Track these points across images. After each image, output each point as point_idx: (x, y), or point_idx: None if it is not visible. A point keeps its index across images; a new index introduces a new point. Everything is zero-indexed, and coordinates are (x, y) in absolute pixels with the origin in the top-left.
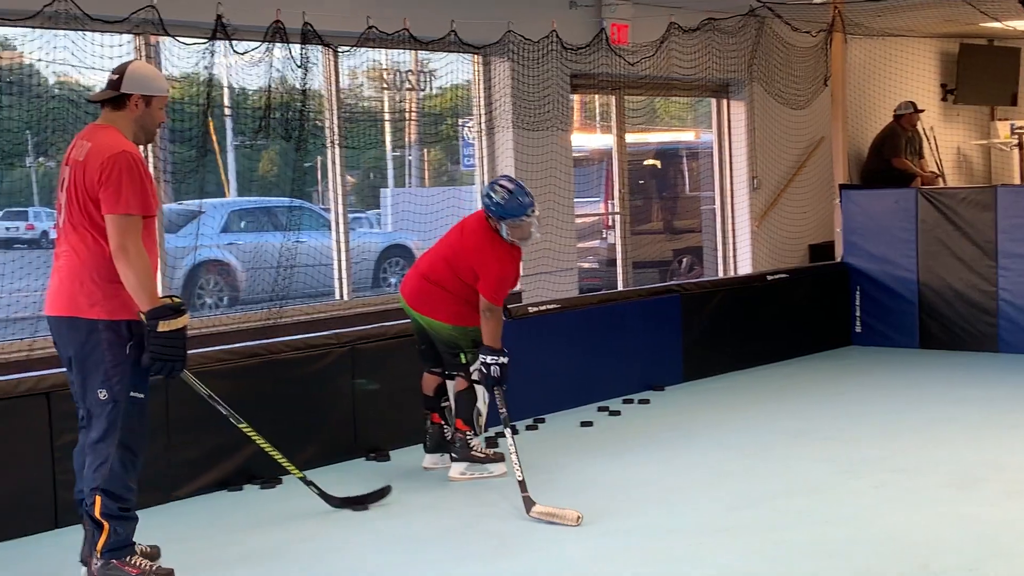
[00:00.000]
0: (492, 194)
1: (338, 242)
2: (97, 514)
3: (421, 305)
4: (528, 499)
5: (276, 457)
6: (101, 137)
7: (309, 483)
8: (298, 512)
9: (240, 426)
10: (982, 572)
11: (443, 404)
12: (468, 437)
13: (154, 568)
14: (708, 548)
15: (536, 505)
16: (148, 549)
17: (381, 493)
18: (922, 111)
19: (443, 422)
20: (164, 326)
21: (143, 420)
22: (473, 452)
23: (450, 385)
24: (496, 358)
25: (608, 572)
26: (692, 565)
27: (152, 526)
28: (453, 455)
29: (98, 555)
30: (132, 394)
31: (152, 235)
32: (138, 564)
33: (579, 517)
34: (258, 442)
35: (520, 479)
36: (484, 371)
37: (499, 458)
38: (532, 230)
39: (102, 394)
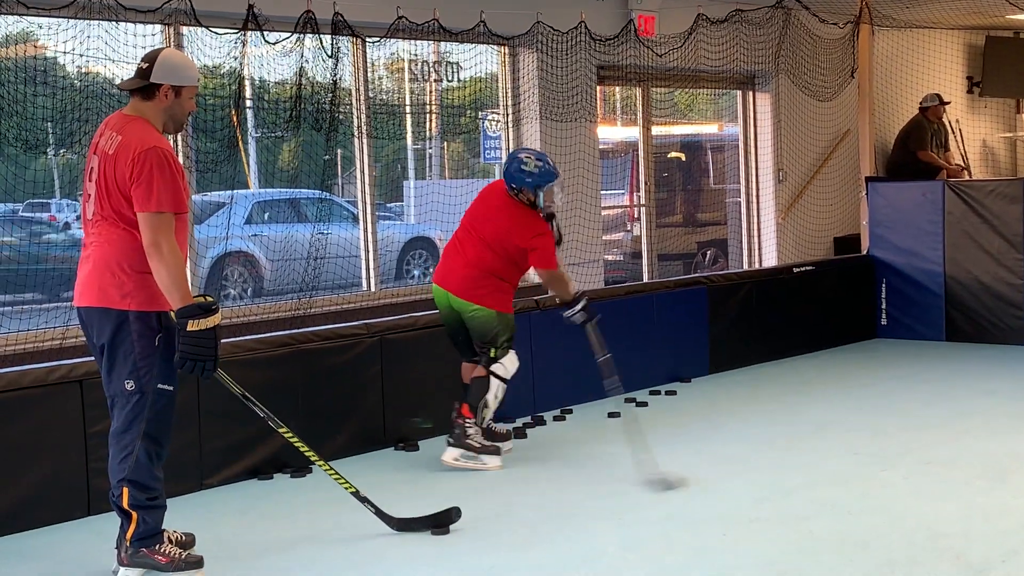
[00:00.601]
0: (523, 166)
1: (365, 233)
2: (125, 505)
3: (467, 291)
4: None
5: (324, 468)
6: (132, 130)
7: (364, 500)
8: (327, 501)
9: (280, 431)
10: (1016, 563)
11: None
12: (468, 425)
13: (184, 556)
14: (737, 538)
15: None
16: (183, 537)
17: (447, 516)
18: (948, 103)
19: (474, 416)
20: (193, 325)
21: (169, 412)
22: (469, 440)
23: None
24: (576, 308)
25: (638, 561)
26: (721, 555)
27: (184, 514)
28: (450, 439)
29: (128, 544)
30: (160, 386)
31: (184, 230)
32: (167, 552)
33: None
34: (300, 448)
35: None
36: (575, 320)
37: (495, 450)
38: (558, 192)
39: (129, 385)
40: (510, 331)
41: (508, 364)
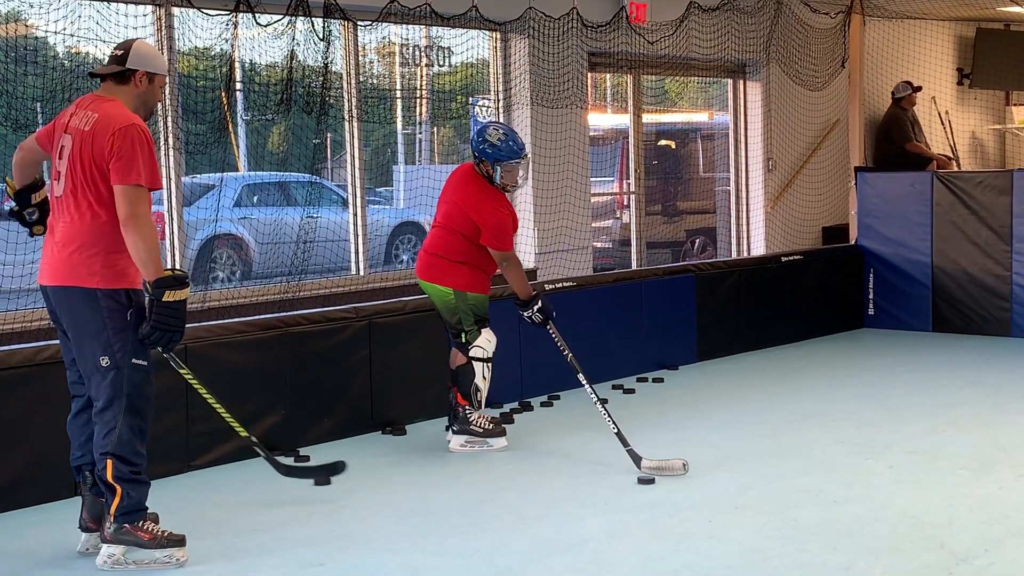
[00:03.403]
0: (487, 136)
1: (355, 217)
2: (109, 478)
3: (428, 274)
4: (633, 453)
5: (232, 423)
6: (108, 109)
7: (257, 445)
8: (315, 486)
9: (220, 410)
10: (999, 552)
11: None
12: (468, 411)
13: (166, 534)
14: (722, 525)
15: (644, 459)
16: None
17: (333, 468)
18: (919, 89)
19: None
20: (170, 296)
21: (148, 386)
22: (472, 426)
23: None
24: (530, 307)
25: (624, 546)
26: (707, 542)
27: (170, 495)
28: (453, 428)
29: (111, 519)
30: (135, 360)
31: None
32: (150, 529)
33: (684, 464)
34: (216, 407)
35: (616, 431)
36: (530, 321)
37: (500, 432)
38: (521, 173)
39: (104, 361)
40: (475, 312)
41: (484, 344)
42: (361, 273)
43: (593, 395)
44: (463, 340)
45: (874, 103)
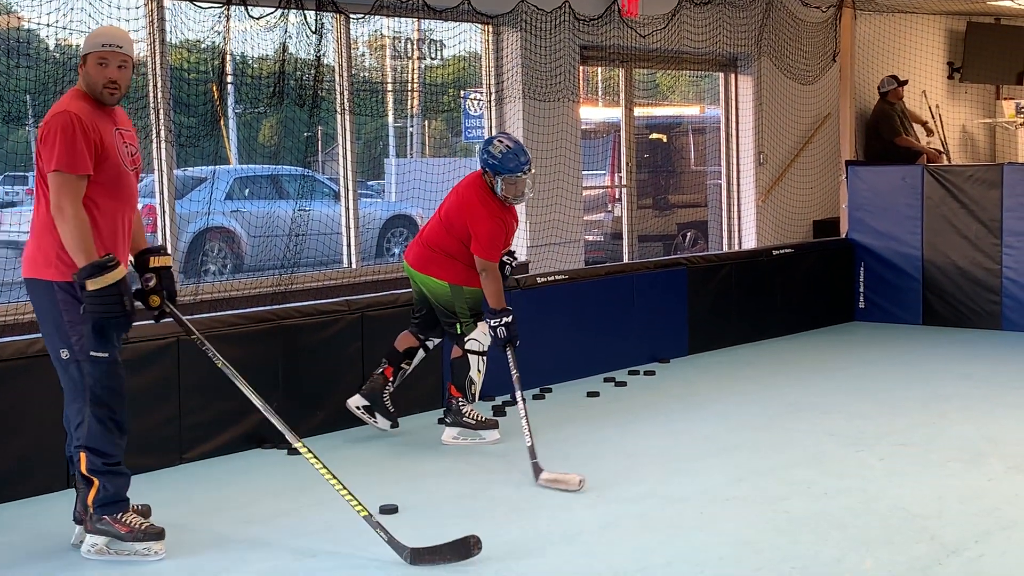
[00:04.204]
0: (491, 148)
1: (347, 210)
2: (84, 470)
3: (422, 266)
4: (536, 465)
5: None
6: (58, 100)
7: (376, 525)
8: (308, 478)
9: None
10: (989, 544)
11: (402, 365)
12: (460, 404)
13: (143, 526)
14: (714, 517)
15: (543, 472)
16: (139, 507)
17: (464, 546)
18: (905, 83)
19: (392, 380)
20: (92, 284)
21: (113, 378)
22: (465, 419)
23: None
24: (499, 319)
25: (616, 538)
26: (698, 534)
27: (162, 487)
28: (447, 420)
29: (91, 509)
30: (93, 353)
31: (114, 194)
32: (128, 522)
33: (581, 481)
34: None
35: (529, 444)
36: (492, 334)
37: (492, 424)
38: (526, 189)
39: (64, 353)
40: (470, 305)
41: (480, 337)
42: (353, 266)
43: (522, 410)
44: (458, 331)
45: (865, 97)
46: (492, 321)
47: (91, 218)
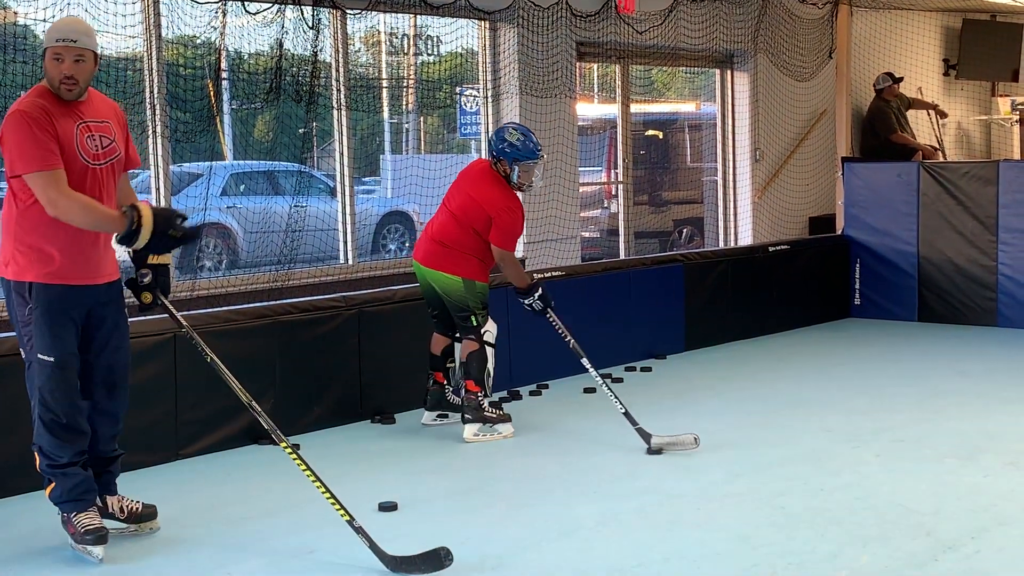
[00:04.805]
0: (506, 136)
1: (343, 206)
2: (38, 468)
3: (433, 262)
4: (643, 431)
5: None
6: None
7: (359, 530)
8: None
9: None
10: (985, 540)
11: (448, 365)
12: (480, 398)
13: (84, 529)
14: (711, 513)
15: (653, 437)
16: (140, 508)
17: (436, 557)
18: (900, 80)
19: (445, 382)
20: (138, 246)
21: (57, 382)
22: (485, 413)
23: (458, 347)
24: (531, 296)
25: (613, 534)
26: (695, 530)
27: (158, 484)
28: (466, 416)
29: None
30: (40, 356)
31: (77, 191)
32: (76, 522)
33: (696, 439)
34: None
35: (623, 411)
36: (531, 311)
37: (507, 418)
38: (537, 173)
39: (22, 353)
40: (482, 299)
41: (493, 330)
42: (350, 262)
43: (598, 378)
44: (474, 324)
45: (861, 94)
46: (527, 301)
47: (47, 220)
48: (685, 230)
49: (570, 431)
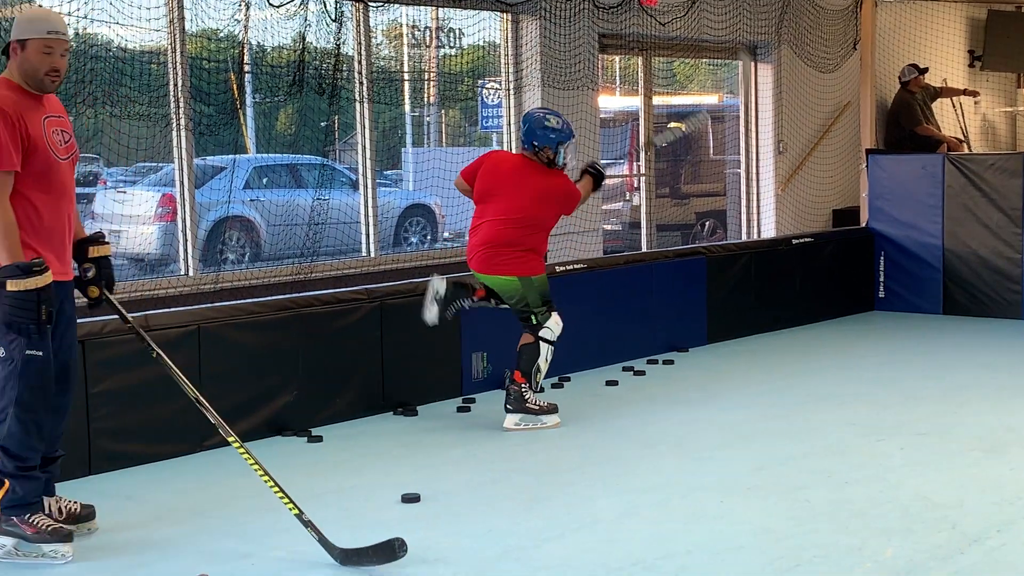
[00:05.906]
0: (547, 123)
1: (365, 199)
2: None
3: (489, 268)
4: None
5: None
6: None
7: (307, 523)
8: (326, 464)
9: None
10: (1011, 534)
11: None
12: (523, 389)
13: (50, 528)
14: (733, 506)
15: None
16: (82, 509)
17: (391, 548)
18: (926, 70)
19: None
20: (12, 285)
21: (41, 379)
22: (528, 404)
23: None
24: (600, 183)
25: (635, 526)
26: (718, 522)
27: (181, 475)
28: (508, 406)
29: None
30: (28, 351)
31: (47, 188)
32: (36, 523)
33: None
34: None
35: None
36: (600, 173)
37: (553, 409)
38: (572, 152)
39: (1, 351)
40: (541, 293)
41: (553, 327)
42: (372, 254)
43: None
44: (534, 322)
45: (885, 85)
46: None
47: (29, 217)
48: (708, 223)
49: (591, 423)
